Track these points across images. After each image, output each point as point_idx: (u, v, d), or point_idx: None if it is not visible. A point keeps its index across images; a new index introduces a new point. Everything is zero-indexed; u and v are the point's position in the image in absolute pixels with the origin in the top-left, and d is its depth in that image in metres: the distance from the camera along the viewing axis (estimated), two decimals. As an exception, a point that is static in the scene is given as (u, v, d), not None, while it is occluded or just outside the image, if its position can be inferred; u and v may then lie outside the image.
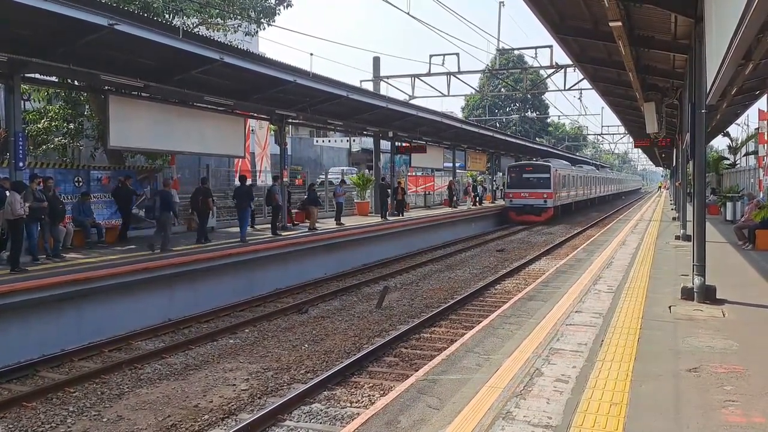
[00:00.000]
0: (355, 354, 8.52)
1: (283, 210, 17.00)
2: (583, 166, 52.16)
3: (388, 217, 21.55)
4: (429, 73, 24.22)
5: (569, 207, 37.35)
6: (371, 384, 7.35)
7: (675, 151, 27.39)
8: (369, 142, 31.58)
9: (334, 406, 6.67)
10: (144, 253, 11.83)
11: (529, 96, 63.36)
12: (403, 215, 23.05)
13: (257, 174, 21.44)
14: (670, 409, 4.34)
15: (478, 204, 32.44)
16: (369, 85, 25.61)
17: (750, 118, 63.35)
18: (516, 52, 42.78)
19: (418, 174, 35.88)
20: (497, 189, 39.50)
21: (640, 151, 70.64)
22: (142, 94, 13.73)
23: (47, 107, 16.77)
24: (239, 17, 19.80)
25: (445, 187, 32.34)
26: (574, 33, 11.64)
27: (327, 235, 16.68)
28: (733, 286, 8.71)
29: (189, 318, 10.89)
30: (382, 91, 25.95)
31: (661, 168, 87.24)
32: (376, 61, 28.92)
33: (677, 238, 15.66)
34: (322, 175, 31.41)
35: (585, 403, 4.45)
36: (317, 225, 17.74)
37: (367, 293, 13.36)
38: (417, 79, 24.44)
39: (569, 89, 26.34)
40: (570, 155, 56.96)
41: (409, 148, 26.56)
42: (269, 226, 16.12)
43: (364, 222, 20.25)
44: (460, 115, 60.43)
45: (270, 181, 19.50)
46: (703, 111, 8.22)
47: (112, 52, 11.45)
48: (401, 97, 27.01)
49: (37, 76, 12.60)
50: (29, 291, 8.80)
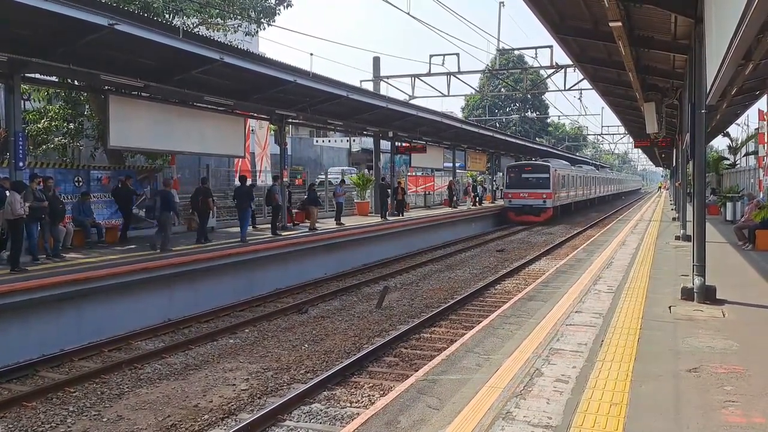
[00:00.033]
0: (355, 354, 8.52)
1: (283, 210, 17.01)
2: (583, 166, 52.10)
3: (388, 217, 21.55)
4: (429, 73, 24.21)
5: (569, 207, 37.34)
6: (371, 384, 7.36)
7: (675, 151, 27.40)
8: (369, 142, 31.57)
9: (334, 406, 6.67)
10: (144, 253, 11.83)
11: (529, 96, 63.36)
12: (403, 215, 23.05)
13: (257, 174, 21.43)
14: (670, 410, 4.35)
15: (478, 204, 32.44)
16: (369, 85, 25.63)
17: (750, 119, 63.40)
18: (516, 52, 42.82)
19: (418, 174, 35.88)
20: (497, 189, 39.49)
21: (640, 151, 70.69)
22: (142, 94, 13.74)
23: (47, 107, 16.78)
24: (239, 17, 19.81)
25: (445, 187, 32.35)
26: (574, 33, 11.65)
27: (327, 235, 16.68)
28: (733, 286, 8.71)
29: (189, 318, 10.89)
30: (382, 91, 25.97)
31: (661, 168, 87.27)
32: (376, 61, 28.92)
33: (677, 238, 15.66)
34: (322, 175, 31.40)
35: (585, 404, 4.45)
36: (317, 225, 17.74)
37: (367, 293, 13.36)
38: (417, 79, 24.43)
39: (569, 89, 26.33)
40: (570, 155, 56.94)
41: (409, 148, 26.56)
42: (269, 226, 16.13)
43: (364, 222, 20.25)
44: (460, 115, 60.43)
45: (270, 181, 19.51)
46: (703, 111, 8.23)
47: (112, 52, 11.45)
48: (401, 97, 27.03)
49: (37, 75, 12.61)
50: (29, 291, 8.80)
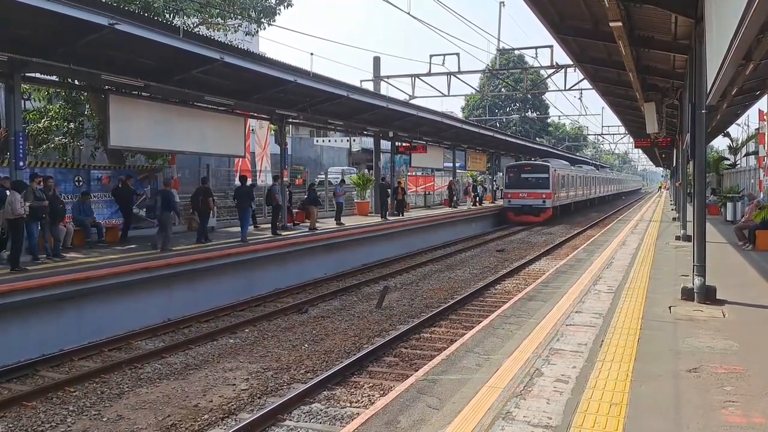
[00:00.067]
0: (355, 354, 8.52)
1: (283, 210, 17.01)
2: (583, 166, 52.07)
3: (388, 217, 21.55)
4: (429, 73, 24.21)
5: (568, 207, 37.31)
6: (371, 384, 7.36)
7: (675, 151, 27.40)
8: (369, 142, 31.58)
9: (334, 406, 6.67)
10: (144, 253, 11.83)
11: (529, 96, 63.36)
12: (403, 215, 23.05)
13: (257, 174, 21.45)
14: (670, 410, 4.35)
15: (478, 204, 32.45)
16: (369, 85, 25.64)
17: (750, 119, 63.37)
18: (516, 52, 42.77)
19: (418, 174, 35.88)
20: (497, 189, 39.49)
21: (641, 151, 70.66)
22: (143, 93, 13.75)
23: (47, 107, 16.78)
24: (239, 17, 19.81)
25: (445, 187, 32.35)
26: (574, 33, 11.64)
27: (327, 235, 16.68)
28: (734, 286, 8.71)
29: (189, 318, 10.89)
30: (383, 91, 25.95)
31: (661, 168, 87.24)
32: (377, 61, 28.92)
33: (677, 238, 15.66)
34: (321, 175, 31.36)
35: (585, 404, 4.45)
36: (317, 225, 17.74)
37: (367, 293, 13.36)
38: (417, 79, 24.43)
39: (569, 89, 26.31)
40: (570, 155, 56.92)
41: (409, 148, 26.55)
42: (269, 225, 16.13)
43: (364, 222, 20.25)
44: (460, 115, 60.42)
45: (270, 181, 19.51)
46: (703, 111, 8.22)
47: (113, 51, 11.46)
48: (401, 97, 26.99)
49: (37, 75, 12.62)
50: (29, 290, 8.80)
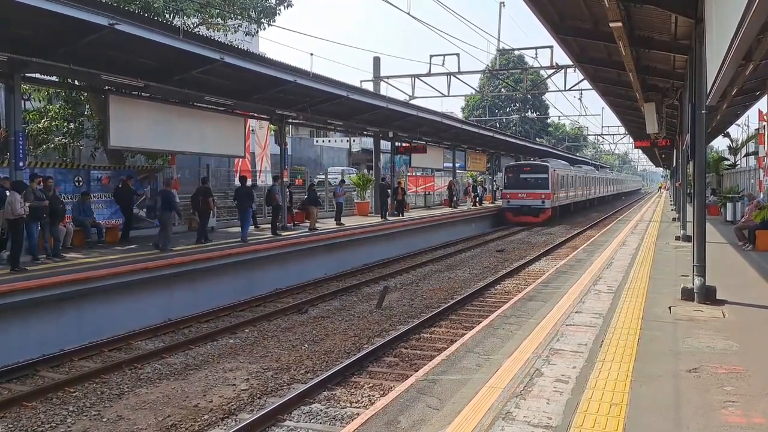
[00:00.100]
0: (355, 354, 8.52)
1: (283, 210, 17.01)
2: (583, 166, 52.01)
3: (388, 218, 21.55)
4: (429, 74, 24.20)
5: (568, 208, 37.23)
6: (371, 384, 7.35)
7: (675, 151, 27.41)
8: (369, 142, 31.56)
9: (334, 406, 6.67)
10: (144, 253, 11.83)
11: (529, 96, 63.34)
12: (403, 215, 23.06)
13: (257, 174, 21.47)
14: (670, 410, 4.34)
15: (478, 204, 32.44)
16: (369, 85, 25.64)
17: (750, 119, 63.35)
18: (516, 53, 42.86)
19: (418, 174, 35.89)
20: (497, 189, 39.48)
21: (641, 151, 70.67)
22: (143, 94, 13.75)
23: (47, 107, 16.77)
24: (239, 17, 19.81)
25: (445, 187, 32.35)
26: (574, 33, 11.64)
27: (327, 235, 16.68)
28: (734, 286, 8.71)
29: (189, 318, 10.89)
30: (383, 91, 25.98)
31: (661, 168, 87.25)
32: (376, 61, 28.95)
33: (677, 238, 15.65)
34: (320, 174, 31.30)
35: (585, 404, 4.45)
36: (317, 225, 17.74)
37: (367, 293, 13.36)
38: (417, 79, 24.42)
39: (569, 89, 26.28)
40: (570, 155, 56.92)
41: (409, 148, 26.56)
42: (269, 226, 16.13)
43: (364, 222, 20.25)
44: (460, 115, 60.44)
45: (270, 181, 19.52)
46: (703, 111, 8.22)
47: (113, 52, 11.46)
48: (401, 97, 27.02)
49: (37, 75, 12.61)
50: (29, 291, 8.80)
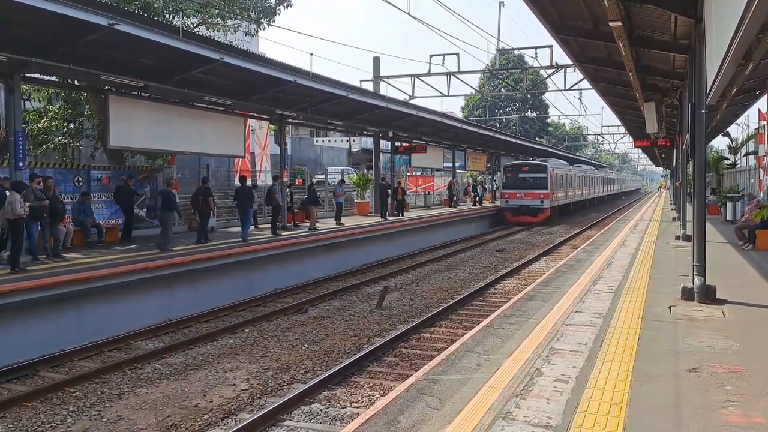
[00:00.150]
0: (355, 354, 8.52)
1: (283, 210, 17.01)
2: (582, 165, 51.97)
3: (388, 217, 21.55)
4: (429, 73, 24.22)
5: (567, 207, 37.15)
6: (371, 384, 7.35)
7: (675, 151, 27.41)
8: (369, 142, 31.56)
9: (334, 406, 6.67)
10: (144, 253, 11.83)
11: (529, 96, 63.36)
12: (403, 215, 23.05)
13: (257, 174, 21.45)
14: (670, 410, 4.35)
15: (478, 204, 32.44)
16: (369, 85, 25.65)
17: (750, 118, 63.39)
18: (516, 52, 42.79)
19: (418, 174, 35.88)
20: (497, 189, 39.47)
21: (640, 151, 70.67)
22: (143, 94, 13.74)
23: (47, 107, 16.77)
24: (239, 17, 19.81)
25: (445, 187, 32.34)
26: (574, 33, 11.64)
27: (327, 235, 16.68)
28: (734, 286, 8.71)
29: (189, 318, 10.89)
30: (382, 91, 25.97)
31: (661, 168, 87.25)
32: (376, 61, 28.91)
33: (677, 238, 15.66)
34: (319, 174, 31.25)
35: (585, 403, 4.46)
36: (317, 225, 17.74)
37: (367, 293, 13.36)
38: (417, 79, 24.44)
39: (569, 89, 26.40)
40: (569, 155, 56.90)
41: (409, 148, 26.56)
42: (269, 226, 16.13)
43: (364, 222, 20.25)
44: (460, 115, 60.45)
45: (270, 181, 19.52)
46: (703, 111, 8.22)
47: (113, 52, 11.45)
48: (401, 97, 27.00)
49: (37, 75, 12.60)
50: (29, 291, 8.80)
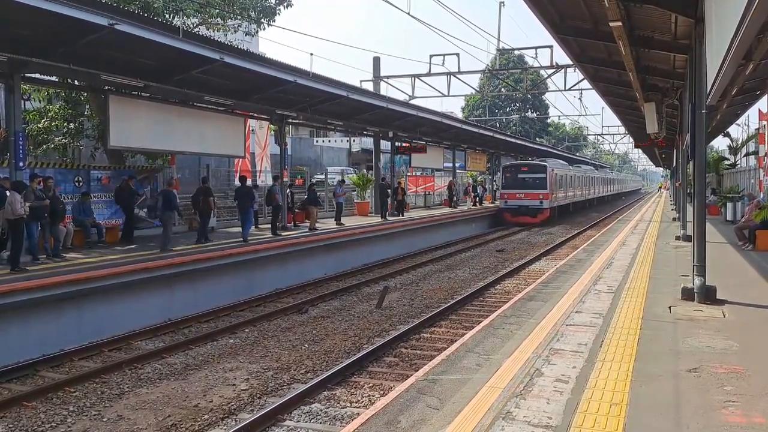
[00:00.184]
0: (355, 354, 8.52)
1: (283, 210, 17.01)
2: (582, 166, 51.91)
3: (388, 218, 21.55)
4: (429, 73, 24.20)
5: (566, 208, 37.03)
6: (371, 384, 7.36)
7: (675, 151, 27.39)
8: (369, 142, 31.56)
9: (334, 406, 6.67)
10: (144, 253, 11.83)
11: (529, 96, 63.31)
12: (403, 215, 23.05)
13: (257, 174, 21.45)
14: (670, 410, 4.34)
15: (478, 204, 32.44)
16: (369, 85, 25.64)
17: (750, 119, 63.36)
18: (516, 52, 42.75)
19: (418, 174, 35.87)
20: (497, 189, 39.45)
21: (641, 151, 70.66)
22: (143, 94, 13.74)
23: (47, 107, 16.78)
24: (239, 17, 19.81)
25: (445, 187, 32.34)
26: (574, 33, 11.64)
27: (327, 235, 16.68)
28: (734, 286, 8.71)
29: (189, 318, 10.89)
30: (382, 91, 25.97)
31: (661, 168, 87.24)
32: (376, 61, 28.93)
33: (677, 238, 15.65)
34: (319, 174, 31.22)
35: (585, 404, 4.45)
36: (317, 225, 17.74)
37: (367, 293, 13.36)
38: (417, 79, 24.42)
39: (569, 89, 26.30)
40: (569, 155, 56.86)
41: (409, 148, 26.55)
42: (269, 226, 16.12)
43: (364, 222, 20.25)
44: (460, 115, 60.44)
45: (270, 181, 19.51)
46: (703, 111, 8.22)
47: (113, 52, 11.45)
48: (401, 97, 27.03)
49: (37, 75, 12.61)
50: (29, 291, 8.80)
